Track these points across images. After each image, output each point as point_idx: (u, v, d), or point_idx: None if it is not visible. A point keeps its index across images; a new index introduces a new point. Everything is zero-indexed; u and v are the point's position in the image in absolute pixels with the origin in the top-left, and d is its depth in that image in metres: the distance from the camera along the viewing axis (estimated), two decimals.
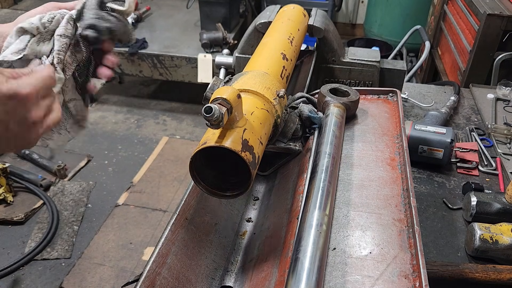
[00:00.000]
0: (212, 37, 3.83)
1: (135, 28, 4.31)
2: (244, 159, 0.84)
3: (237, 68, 1.75)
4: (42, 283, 2.55)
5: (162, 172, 3.48)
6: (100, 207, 3.13)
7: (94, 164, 3.55)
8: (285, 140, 1.15)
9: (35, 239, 2.79)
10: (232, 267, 1.00)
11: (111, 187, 3.31)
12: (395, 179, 1.01)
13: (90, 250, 2.78)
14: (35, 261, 2.66)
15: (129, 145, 3.80)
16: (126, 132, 3.97)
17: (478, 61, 2.70)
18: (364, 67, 1.68)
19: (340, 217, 0.92)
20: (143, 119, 4.17)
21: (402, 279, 0.77)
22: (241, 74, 1.11)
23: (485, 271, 1.22)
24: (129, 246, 2.83)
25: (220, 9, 4.00)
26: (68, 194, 3.19)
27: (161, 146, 3.79)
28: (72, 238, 2.85)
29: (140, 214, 3.09)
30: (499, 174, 1.67)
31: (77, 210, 3.06)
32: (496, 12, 2.54)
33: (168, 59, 3.86)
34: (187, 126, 4.10)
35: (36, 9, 0.82)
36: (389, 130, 1.18)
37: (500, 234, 1.29)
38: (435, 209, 1.53)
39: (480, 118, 2.06)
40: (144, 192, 3.28)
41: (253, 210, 1.17)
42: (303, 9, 1.64)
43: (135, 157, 3.65)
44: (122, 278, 2.61)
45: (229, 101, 0.82)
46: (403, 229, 0.88)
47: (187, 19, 4.56)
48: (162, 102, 4.43)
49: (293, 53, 1.33)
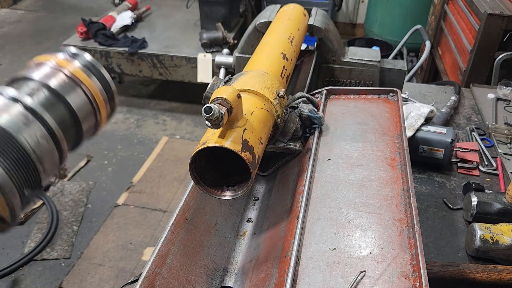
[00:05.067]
0: (212, 37, 3.82)
1: (134, 28, 4.31)
2: (244, 159, 0.84)
3: (237, 68, 1.74)
4: (41, 283, 2.54)
5: (162, 172, 3.48)
6: (100, 207, 3.12)
7: (94, 164, 3.54)
8: (285, 140, 1.15)
9: (34, 239, 2.79)
10: (232, 267, 1.00)
11: (110, 187, 3.31)
12: (396, 179, 1.01)
13: (90, 251, 2.78)
14: (35, 261, 2.66)
15: (128, 145, 3.79)
16: (125, 132, 3.97)
17: (479, 61, 2.70)
18: (365, 67, 1.68)
19: (340, 217, 0.92)
20: (142, 119, 4.17)
21: (402, 279, 0.77)
22: (241, 74, 1.10)
23: (485, 271, 1.22)
24: (128, 247, 2.83)
25: (220, 9, 4.00)
26: (68, 194, 3.18)
27: (161, 146, 3.78)
28: (71, 238, 2.84)
29: (140, 214, 3.08)
30: (500, 174, 1.67)
31: (76, 210, 3.05)
32: (497, 11, 2.54)
33: (168, 59, 3.86)
34: (187, 126, 4.09)
35: None
36: (389, 130, 1.18)
37: (500, 234, 1.29)
38: (436, 209, 1.53)
39: (481, 118, 2.06)
40: (144, 192, 3.27)
41: (253, 210, 1.16)
42: (303, 9, 1.63)
43: (135, 157, 3.64)
44: (121, 279, 2.61)
45: (229, 101, 0.82)
46: (403, 229, 0.87)
47: (187, 19, 4.55)
48: (162, 102, 4.43)
49: (293, 52, 1.33)
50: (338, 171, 1.05)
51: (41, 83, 0.53)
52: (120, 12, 4.36)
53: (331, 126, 1.22)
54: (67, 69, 0.56)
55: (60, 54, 0.58)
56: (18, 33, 5.77)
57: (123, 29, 4.19)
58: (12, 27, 5.94)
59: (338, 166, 1.07)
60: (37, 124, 0.49)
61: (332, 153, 1.12)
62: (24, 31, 5.82)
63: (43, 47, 5.36)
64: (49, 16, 6.31)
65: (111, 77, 0.75)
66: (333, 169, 1.07)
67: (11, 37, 5.65)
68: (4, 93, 0.50)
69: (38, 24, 6.04)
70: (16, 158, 0.46)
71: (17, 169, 0.47)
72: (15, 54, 5.23)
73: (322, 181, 1.04)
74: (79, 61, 0.58)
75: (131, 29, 4.28)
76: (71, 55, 0.58)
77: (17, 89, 0.52)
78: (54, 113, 0.52)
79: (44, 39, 5.56)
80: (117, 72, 4.11)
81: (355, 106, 1.31)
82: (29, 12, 6.43)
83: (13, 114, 0.48)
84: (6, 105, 0.49)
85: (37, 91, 0.52)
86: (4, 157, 0.46)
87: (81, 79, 0.57)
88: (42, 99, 0.52)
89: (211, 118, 0.78)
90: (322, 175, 1.05)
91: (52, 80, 0.54)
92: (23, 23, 6.06)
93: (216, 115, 0.78)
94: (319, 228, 0.90)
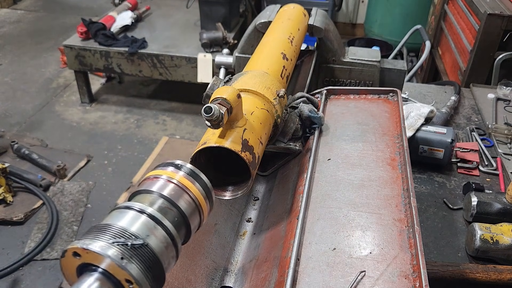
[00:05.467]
0: (212, 36, 3.82)
1: (134, 28, 4.31)
2: (244, 159, 0.84)
3: (237, 68, 1.74)
4: (41, 283, 2.54)
5: None
6: (100, 207, 3.12)
7: (94, 164, 3.54)
8: (285, 140, 1.15)
9: (34, 239, 2.79)
10: (232, 267, 1.00)
11: (110, 187, 3.31)
12: (396, 179, 1.01)
13: None
14: (35, 262, 2.66)
15: (128, 145, 3.79)
16: (125, 132, 3.97)
17: (479, 61, 2.70)
18: (365, 67, 1.67)
19: (340, 217, 0.92)
20: (142, 119, 4.17)
21: (402, 279, 0.77)
22: (241, 74, 1.10)
23: (485, 271, 1.22)
24: None
25: (220, 9, 4.00)
26: (68, 194, 3.18)
27: (160, 146, 3.78)
28: (71, 238, 2.84)
29: None
30: (500, 174, 1.67)
31: (76, 210, 3.05)
32: (497, 11, 2.54)
33: (168, 59, 3.86)
34: (187, 126, 4.09)
35: None
36: (389, 130, 1.18)
37: (500, 234, 1.29)
38: (436, 209, 1.53)
39: (481, 118, 2.06)
40: None
41: (253, 210, 1.16)
42: (303, 9, 1.63)
43: (135, 157, 3.64)
44: None
45: (229, 101, 0.82)
46: (403, 229, 0.87)
47: (187, 18, 4.55)
48: (162, 102, 4.43)
49: (293, 52, 1.33)
50: (338, 171, 1.05)
51: (158, 193, 0.67)
52: (120, 12, 4.36)
53: (331, 126, 1.22)
54: (175, 179, 0.69)
55: (169, 167, 0.72)
56: (18, 33, 5.77)
57: (123, 29, 4.19)
58: (12, 27, 5.94)
59: (338, 166, 1.07)
60: (159, 229, 0.62)
61: (332, 153, 1.12)
62: (24, 31, 5.82)
63: (43, 47, 5.36)
64: (49, 16, 6.31)
65: (111, 77, 0.80)
66: (333, 169, 1.07)
67: (11, 37, 5.65)
68: (132, 207, 0.63)
69: (38, 24, 6.04)
70: (148, 260, 0.59)
71: (149, 269, 0.58)
72: (15, 54, 5.23)
73: (322, 181, 1.04)
74: (183, 171, 0.72)
75: (131, 29, 4.28)
76: (177, 166, 0.72)
77: (140, 202, 0.65)
78: (170, 217, 0.65)
79: (44, 39, 5.57)
80: (117, 72, 4.11)
81: (355, 106, 1.31)
82: (29, 12, 6.43)
83: (142, 223, 0.61)
84: (136, 217, 0.62)
85: (156, 201, 0.66)
86: (140, 261, 0.57)
87: (187, 186, 0.70)
88: (160, 207, 0.65)
89: (211, 118, 0.78)
90: (322, 175, 1.05)
91: (166, 190, 0.68)
92: (23, 23, 6.06)
93: (216, 115, 0.78)
94: (319, 228, 0.90)
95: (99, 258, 0.56)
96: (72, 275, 0.60)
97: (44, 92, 4.53)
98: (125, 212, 0.63)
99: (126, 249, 0.57)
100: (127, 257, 0.57)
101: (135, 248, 0.58)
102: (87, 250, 0.56)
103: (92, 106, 4.32)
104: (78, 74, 4.16)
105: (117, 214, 0.63)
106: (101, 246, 0.56)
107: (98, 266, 0.57)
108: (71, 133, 3.92)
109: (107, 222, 0.61)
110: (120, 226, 0.60)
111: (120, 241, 0.57)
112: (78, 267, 0.59)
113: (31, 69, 4.91)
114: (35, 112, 4.20)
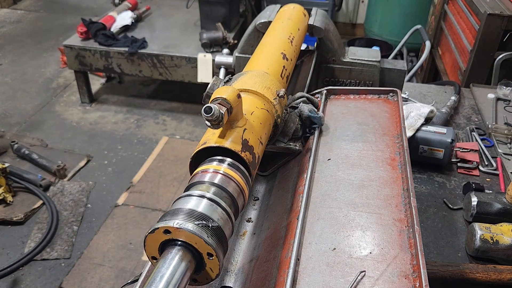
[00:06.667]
0: (212, 36, 3.82)
1: (134, 28, 4.31)
2: (244, 159, 0.84)
3: (237, 68, 1.74)
4: (41, 284, 2.54)
5: (162, 172, 3.48)
6: (100, 207, 3.12)
7: (94, 164, 3.54)
8: (285, 140, 1.15)
9: (34, 239, 2.79)
10: (232, 267, 0.99)
11: (110, 187, 3.31)
12: (396, 179, 1.01)
13: (90, 251, 2.78)
14: (35, 261, 2.66)
15: (128, 145, 3.79)
16: (125, 132, 3.97)
17: (479, 61, 2.70)
18: (365, 67, 1.67)
19: (340, 217, 0.92)
20: (142, 119, 4.17)
21: (402, 279, 0.77)
22: (241, 74, 1.10)
23: (485, 271, 1.22)
24: (128, 247, 2.83)
25: (220, 9, 4.00)
26: (68, 194, 3.18)
27: (160, 146, 3.78)
28: (71, 238, 2.84)
29: (140, 214, 3.08)
30: (500, 174, 1.67)
31: (76, 210, 3.06)
32: (497, 11, 2.54)
33: (168, 59, 3.86)
34: (187, 126, 4.09)
35: None
36: (389, 130, 1.18)
37: (500, 234, 1.29)
38: (436, 209, 1.53)
39: (481, 118, 2.06)
40: (143, 192, 3.28)
41: (253, 210, 1.16)
42: (303, 9, 1.63)
43: (135, 157, 3.64)
44: (121, 279, 2.61)
45: (229, 101, 0.82)
46: (403, 229, 0.87)
47: (187, 19, 4.55)
48: (162, 102, 4.43)
49: (293, 52, 1.33)
50: (338, 171, 1.05)
51: (210, 182, 0.79)
52: (120, 12, 4.36)
53: (331, 126, 1.22)
54: (221, 170, 0.82)
55: (214, 162, 0.84)
56: (18, 33, 5.77)
57: (123, 29, 4.19)
58: (12, 27, 5.94)
59: (338, 166, 1.07)
60: (219, 209, 0.75)
61: (332, 153, 1.12)
62: (24, 31, 5.82)
63: (43, 47, 5.36)
64: (49, 16, 6.31)
65: (111, 77, 0.84)
66: (333, 169, 1.07)
67: (11, 37, 5.65)
68: (193, 194, 0.76)
69: (38, 24, 6.04)
70: (220, 236, 0.72)
71: (218, 239, 0.71)
72: (15, 54, 5.23)
73: (322, 181, 1.04)
74: (226, 163, 0.83)
75: (131, 29, 4.28)
76: (220, 161, 0.84)
77: (198, 189, 0.78)
78: (224, 199, 0.78)
79: (44, 39, 5.57)
80: (117, 72, 4.11)
81: (355, 106, 1.31)
82: (29, 12, 6.43)
83: (205, 205, 0.74)
84: (200, 200, 0.74)
85: (210, 188, 0.78)
86: (216, 238, 0.70)
87: (231, 175, 0.82)
88: (215, 192, 0.78)
89: (211, 118, 0.78)
90: (322, 175, 1.05)
91: (216, 179, 0.80)
92: (23, 23, 6.06)
93: (216, 115, 0.78)
94: (319, 228, 0.90)
95: (189, 235, 0.68)
96: (154, 249, 0.72)
97: (44, 92, 4.53)
98: (190, 198, 0.75)
99: (208, 229, 0.70)
100: (210, 235, 0.69)
101: (214, 229, 0.71)
102: (180, 229, 0.67)
103: (92, 106, 4.32)
104: (78, 74, 4.16)
105: (182, 201, 0.75)
106: (192, 226, 0.68)
107: (181, 240, 0.69)
108: (71, 133, 3.92)
109: (177, 207, 0.73)
110: (188, 208, 0.72)
111: (202, 222, 0.70)
112: (161, 242, 0.70)
113: (31, 69, 4.91)
114: (35, 112, 4.20)
